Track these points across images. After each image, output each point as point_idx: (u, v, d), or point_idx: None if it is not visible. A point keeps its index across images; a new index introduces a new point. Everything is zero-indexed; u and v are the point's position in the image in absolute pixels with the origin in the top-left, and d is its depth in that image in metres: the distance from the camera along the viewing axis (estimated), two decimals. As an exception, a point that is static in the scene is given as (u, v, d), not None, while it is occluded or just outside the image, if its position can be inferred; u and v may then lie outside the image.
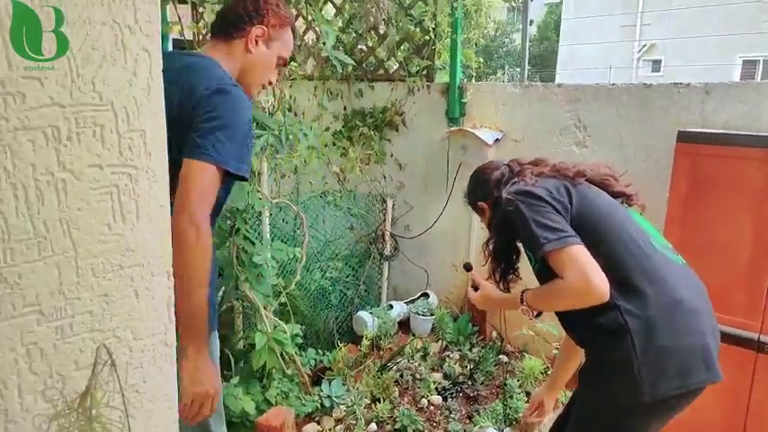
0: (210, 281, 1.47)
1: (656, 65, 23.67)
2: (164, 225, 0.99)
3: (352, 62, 2.52)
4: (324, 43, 2.38)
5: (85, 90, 0.87)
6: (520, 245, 1.71)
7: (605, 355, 1.48)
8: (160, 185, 0.98)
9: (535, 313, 1.61)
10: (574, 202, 1.53)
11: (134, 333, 0.96)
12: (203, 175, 1.34)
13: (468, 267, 2.00)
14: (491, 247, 1.76)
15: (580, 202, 1.53)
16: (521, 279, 1.79)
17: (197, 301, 1.34)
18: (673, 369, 1.41)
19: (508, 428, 2.34)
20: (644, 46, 23.79)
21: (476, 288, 1.81)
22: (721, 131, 2.27)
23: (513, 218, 1.53)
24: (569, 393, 2.04)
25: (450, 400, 2.61)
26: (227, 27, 1.55)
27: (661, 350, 1.40)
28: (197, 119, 1.35)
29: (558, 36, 25.77)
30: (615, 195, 1.67)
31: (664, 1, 20.81)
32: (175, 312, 1.04)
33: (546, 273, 1.49)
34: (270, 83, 1.64)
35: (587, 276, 1.36)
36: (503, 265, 1.76)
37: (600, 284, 1.36)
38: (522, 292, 1.59)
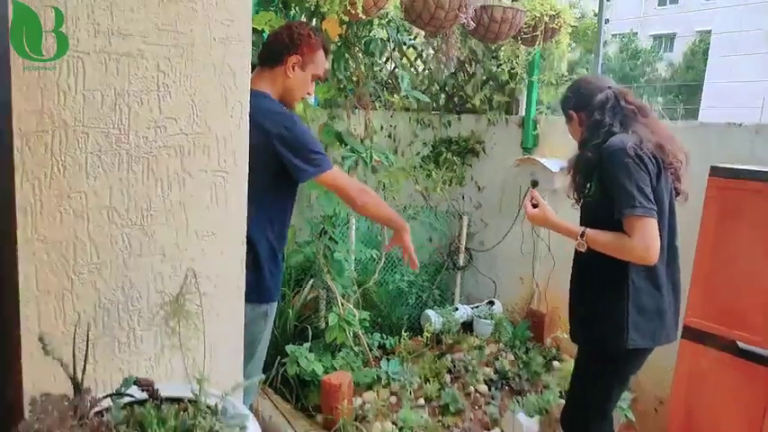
0: (279, 260, 2.04)
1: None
2: (242, 210, 1.54)
3: (427, 99, 3.02)
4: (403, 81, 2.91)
5: (201, 125, 1.44)
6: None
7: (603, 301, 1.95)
8: (242, 186, 1.54)
9: (585, 248, 1.89)
10: (658, 185, 1.85)
11: (218, 276, 1.53)
12: (336, 174, 2.03)
13: (534, 183, 2.24)
14: (578, 161, 1.98)
15: (660, 187, 1.85)
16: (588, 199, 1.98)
17: (394, 213, 2.23)
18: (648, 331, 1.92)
19: (537, 416, 2.68)
20: (806, 74, 21.81)
21: (534, 206, 2.06)
22: (744, 167, 2.47)
23: (619, 167, 1.79)
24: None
25: (494, 390, 2.98)
26: (270, 58, 2.01)
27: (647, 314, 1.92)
28: (286, 154, 1.91)
29: (706, 64, 24.40)
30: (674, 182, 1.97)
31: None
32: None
33: (599, 204, 1.88)
34: (309, 93, 2.11)
35: (650, 248, 1.77)
36: (580, 179, 1.99)
37: (653, 256, 1.79)
38: (584, 230, 1.89)
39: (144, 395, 1.20)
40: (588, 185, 1.96)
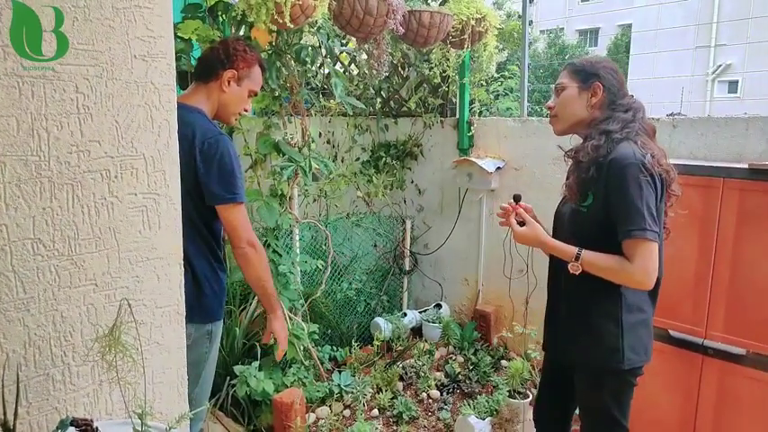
0: (221, 278, 1.99)
1: (733, 86, 22.97)
2: (177, 232, 1.49)
3: (362, 105, 3.01)
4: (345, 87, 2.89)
5: (127, 146, 1.38)
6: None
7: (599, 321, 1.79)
8: (175, 206, 1.49)
9: (580, 270, 1.71)
10: (660, 204, 1.71)
11: (156, 303, 1.47)
12: (238, 212, 1.92)
13: (517, 198, 1.93)
14: (591, 150, 1.72)
15: (661, 207, 1.72)
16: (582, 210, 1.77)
17: (271, 288, 2.11)
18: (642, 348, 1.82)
19: (488, 417, 2.71)
20: (719, 66, 23.15)
21: (521, 224, 1.85)
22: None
23: (631, 182, 1.62)
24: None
25: (446, 394, 3.00)
26: (205, 73, 1.96)
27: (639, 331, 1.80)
28: (202, 169, 1.84)
29: (629, 58, 25.53)
30: None
31: (740, 23, 20.44)
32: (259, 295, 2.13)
33: (593, 218, 1.70)
34: (246, 110, 2.06)
35: (650, 274, 1.64)
36: (582, 176, 1.75)
37: (651, 283, 1.67)
38: (580, 251, 1.71)
39: (82, 435, 1.14)
40: (587, 194, 1.76)
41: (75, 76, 1.28)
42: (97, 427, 1.17)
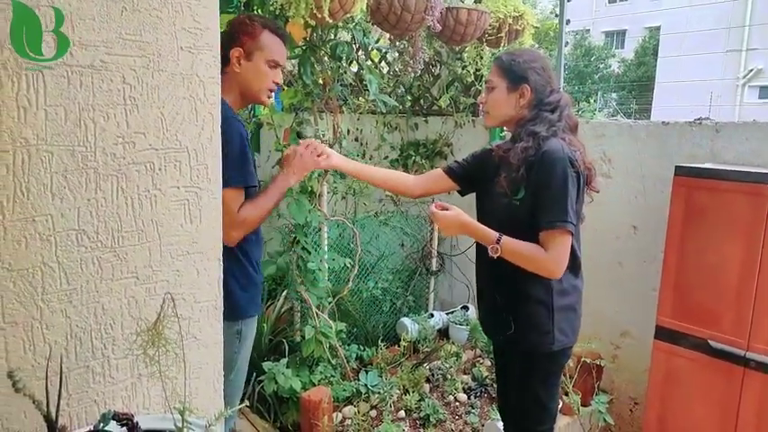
0: (251, 274, 1.96)
1: (764, 91, 22.54)
2: (217, 227, 1.48)
3: (395, 103, 2.98)
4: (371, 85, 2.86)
5: (171, 139, 1.37)
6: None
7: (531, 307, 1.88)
8: (216, 200, 1.47)
9: (499, 253, 1.78)
10: (579, 199, 1.81)
11: (195, 297, 1.45)
12: (233, 200, 1.84)
13: None
14: (520, 151, 1.79)
15: (580, 200, 1.82)
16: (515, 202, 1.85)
17: (274, 201, 1.97)
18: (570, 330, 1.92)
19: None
20: (750, 71, 22.72)
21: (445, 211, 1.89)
22: (708, 166, 2.51)
23: (559, 176, 1.72)
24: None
25: (473, 398, 2.96)
26: None
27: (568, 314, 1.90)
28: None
29: (656, 60, 25.17)
30: None
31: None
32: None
33: (521, 209, 1.79)
34: (276, 83, 1.94)
35: (562, 264, 1.76)
36: (515, 176, 1.81)
37: (561, 272, 1.78)
38: (500, 236, 1.78)
39: (123, 430, 1.13)
40: (519, 188, 1.83)
41: (122, 67, 1.26)
42: (137, 422, 1.16)
